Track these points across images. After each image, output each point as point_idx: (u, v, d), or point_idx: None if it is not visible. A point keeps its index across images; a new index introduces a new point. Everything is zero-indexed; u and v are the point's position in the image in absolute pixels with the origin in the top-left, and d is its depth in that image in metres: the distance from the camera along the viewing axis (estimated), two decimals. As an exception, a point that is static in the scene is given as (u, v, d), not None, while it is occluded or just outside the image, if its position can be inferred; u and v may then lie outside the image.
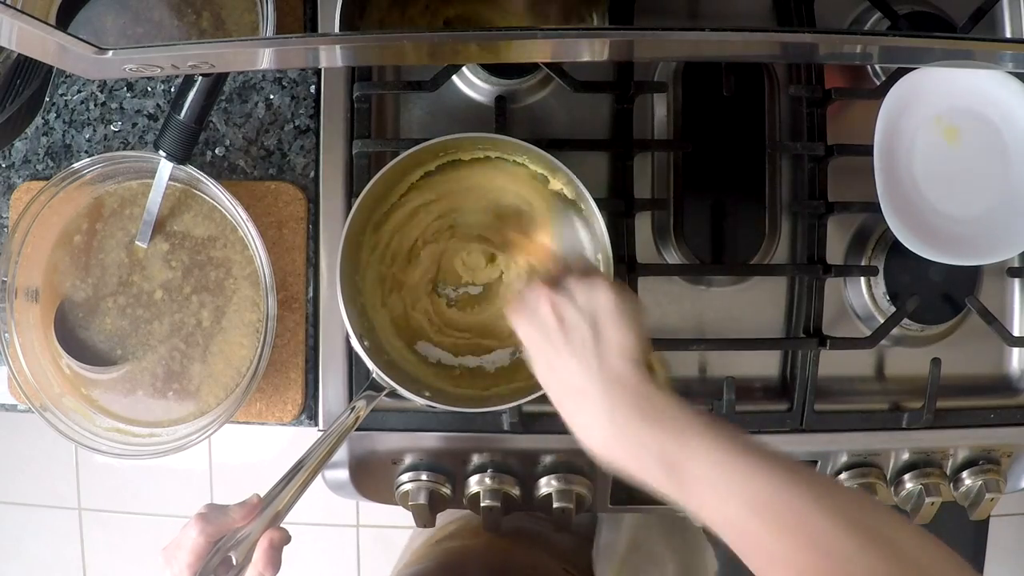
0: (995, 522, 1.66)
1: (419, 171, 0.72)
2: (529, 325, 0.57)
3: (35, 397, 0.73)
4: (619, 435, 0.51)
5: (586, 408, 0.53)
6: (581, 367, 0.53)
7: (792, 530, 0.46)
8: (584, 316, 0.54)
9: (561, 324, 0.55)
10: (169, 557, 0.59)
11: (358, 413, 0.67)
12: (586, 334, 0.54)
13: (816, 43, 0.57)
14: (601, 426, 0.52)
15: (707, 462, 0.48)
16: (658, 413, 0.50)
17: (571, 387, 0.54)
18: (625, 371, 0.52)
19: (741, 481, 0.47)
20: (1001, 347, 0.82)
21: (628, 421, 0.50)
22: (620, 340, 0.53)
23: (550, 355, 0.55)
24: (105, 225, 0.76)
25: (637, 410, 0.51)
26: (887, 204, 0.72)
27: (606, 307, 0.54)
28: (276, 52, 0.54)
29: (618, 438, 0.51)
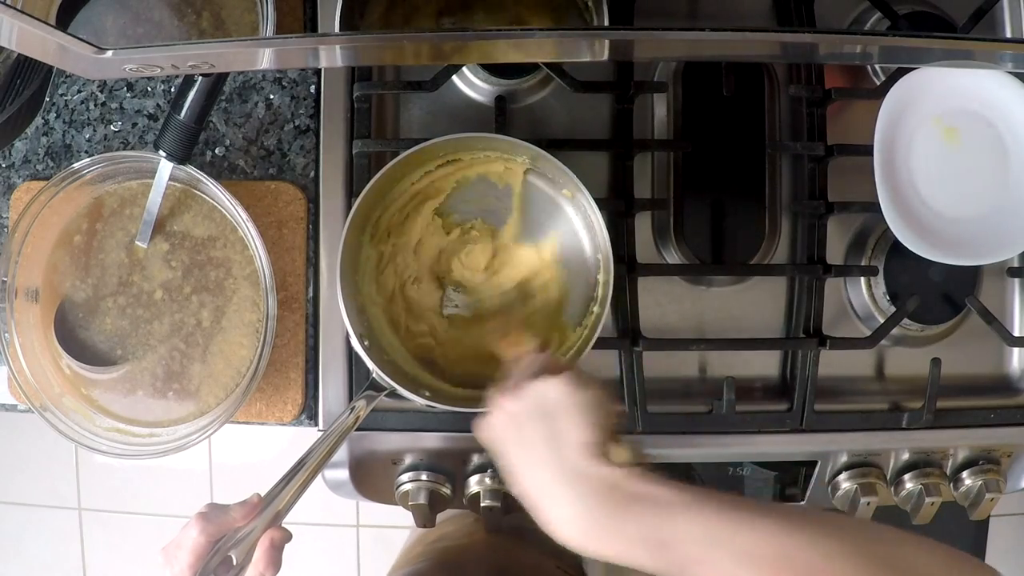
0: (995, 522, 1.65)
1: (419, 171, 0.72)
2: (489, 433, 0.58)
3: (35, 397, 0.73)
4: (595, 527, 0.50)
5: (557, 506, 0.52)
6: (543, 470, 0.53)
7: (789, 574, 0.45)
8: (538, 416, 0.54)
9: (517, 428, 0.55)
10: (169, 557, 0.59)
11: (358, 413, 0.67)
12: (540, 435, 0.54)
13: (816, 43, 0.57)
14: (575, 524, 0.51)
15: (696, 531, 0.47)
16: (633, 500, 0.50)
17: (539, 490, 0.53)
18: (585, 466, 0.52)
19: (738, 544, 0.46)
20: (1001, 347, 0.82)
21: (601, 514, 0.50)
22: (574, 436, 0.53)
23: (517, 464, 0.55)
24: (105, 225, 0.76)
25: (611, 503, 0.50)
26: (887, 204, 0.72)
27: (559, 402, 0.54)
28: (276, 52, 0.54)
29: (594, 530, 0.50)
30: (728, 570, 0.46)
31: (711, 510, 0.48)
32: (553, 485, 0.52)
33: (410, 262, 0.74)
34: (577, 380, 0.56)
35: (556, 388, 0.55)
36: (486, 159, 0.72)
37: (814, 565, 0.44)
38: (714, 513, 0.48)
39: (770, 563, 0.45)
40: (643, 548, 0.48)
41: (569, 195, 0.71)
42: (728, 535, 0.47)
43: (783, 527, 0.46)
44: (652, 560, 0.48)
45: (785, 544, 0.45)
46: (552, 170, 0.70)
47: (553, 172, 0.70)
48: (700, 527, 0.47)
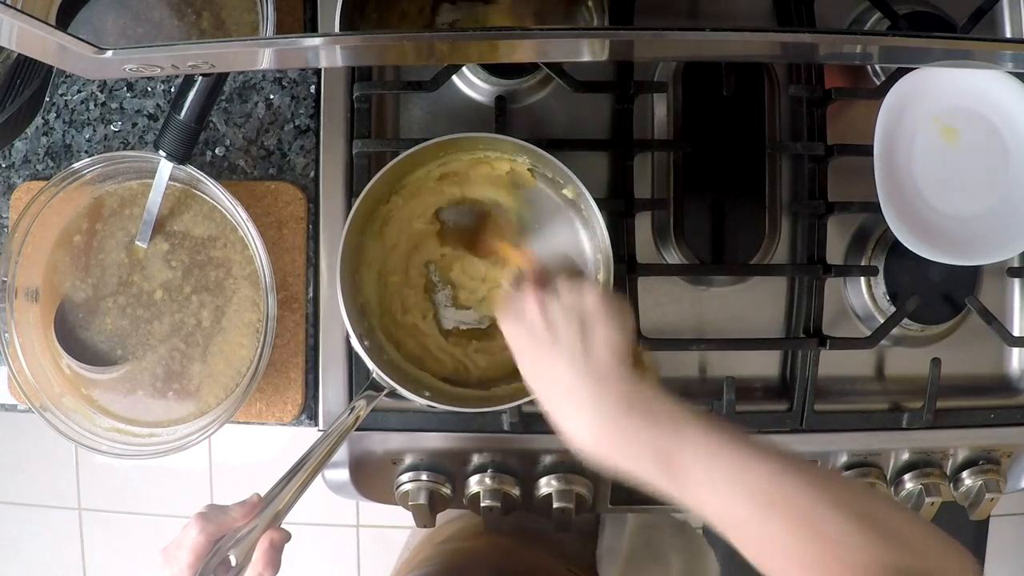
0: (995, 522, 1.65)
1: (419, 170, 0.72)
2: (516, 325, 0.57)
3: (35, 397, 0.73)
4: (610, 431, 0.51)
5: (575, 406, 0.53)
6: (569, 365, 0.53)
7: (789, 518, 0.46)
8: (571, 315, 0.54)
9: (548, 323, 0.55)
10: (169, 557, 0.59)
11: (358, 413, 0.67)
12: (573, 332, 0.54)
13: (816, 43, 0.57)
14: (591, 424, 0.52)
15: (702, 453, 0.49)
16: (650, 407, 0.50)
17: (559, 386, 0.54)
18: (614, 368, 0.52)
19: (736, 471, 0.48)
20: (1001, 347, 0.82)
21: (619, 417, 0.51)
22: (608, 338, 0.53)
23: (537, 355, 0.55)
24: (105, 225, 0.76)
25: (628, 406, 0.51)
26: (887, 204, 0.72)
27: (593, 306, 0.54)
28: (276, 52, 0.54)
29: (609, 434, 0.51)
30: (723, 495, 0.48)
31: (722, 438, 0.49)
32: (575, 385, 0.52)
33: (409, 263, 0.74)
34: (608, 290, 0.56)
35: (590, 293, 0.55)
36: (486, 159, 0.72)
37: (802, 509, 0.46)
38: (725, 441, 0.49)
39: (765, 496, 0.46)
40: (651, 459, 0.49)
41: (569, 195, 0.71)
42: (732, 466, 0.48)
43: (782, 470, 0.47)
44: (657, 472, 0.49)
45: (783, 486, 0.47)
46: (553, 170, 0.70)
47: (554, 172, 0.70)
48: (707, 449, 0.48)
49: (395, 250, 0.73)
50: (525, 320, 0.56)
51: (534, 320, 0.56)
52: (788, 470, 0.47)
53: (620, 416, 0.51)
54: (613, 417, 0.51)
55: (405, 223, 0.73)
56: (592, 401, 0.52)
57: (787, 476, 0.47)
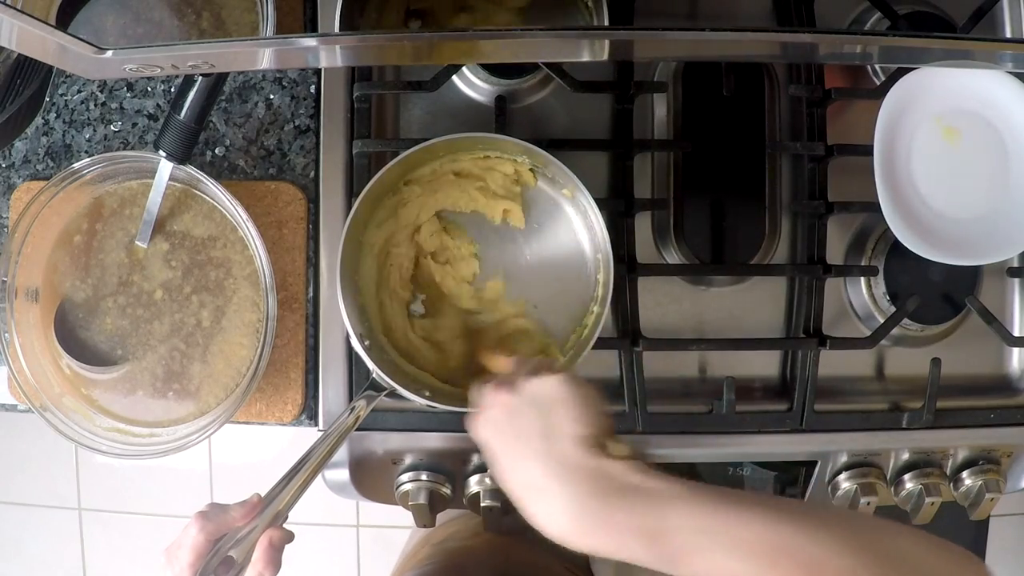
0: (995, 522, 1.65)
1: (420, 170, 0.72)
2: (483, 428, 0.57)
3: (35, 397, 0.73)
4: (586, 520, 0.50)
5: (547, 499, 0.51)
6: (537, 462, 0.52)
7: (786, 564, 0.44)
8: (534, 410, 0.54)
9: (511, 421, 0.55)
10: (170, 556, 0.59)
11: (358, 413, 0.67)
12: (535, 428, 0.53)
13: (816, 43, 0.57)
14: (567, 515, 0.50)
15: (689, 525, 0.47)
16: (626, 490, 0.49)
17: (529, 484, 0.53)
18: (581, 458, 0.51)
19: (733, 535, 0.46)
20: (1001, 347, 0.82)
21: (596, 507, 0.49)
22: (571, 429, 0.53)
23: (505, 454, 0.55)
24: (105, 225, 0.76)
25: (603, 493, 0.50)
26: (887, 204, 0.72)
27: (555, 397, 0.54)
28: (276, 52, 0.54)
29: (586, 524, 0.50)
30: (721, 561, 0.46)
31: (704, 501, 0.48)
32: (544, 478, 0.52)
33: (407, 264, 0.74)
34: (572, 378, 0.56)
35: (552, 383, 0.55)
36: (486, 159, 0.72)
37: (809, 555, 0.44)
38: (708, 504, 0.47)
39: (764, 554, 0.45)
40: (635, 539, 0.48)
41: (569, 195, 0.71)
42: (721, 526, 0.46)
43: (777, 518, 0.46)
44: (644, 551, 0.48)
45: (780, 534, 0.45)
46: (552, 170, 0.70)
47: (553, 172, 0.70)
48: (693, 518, 0.47)
49: (396, 249, 0.73)
50: (490, 422, 0.57)
51: (498, 420, 0.56)
52: (786, 513, 0.46)
53: (597, 506, 0.49)
54: (590, 508, 0.50)
55: (407, 222, 0.73)
56: (564, 492, 0.51)
57: (786, 527, 0.45)
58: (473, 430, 0.59)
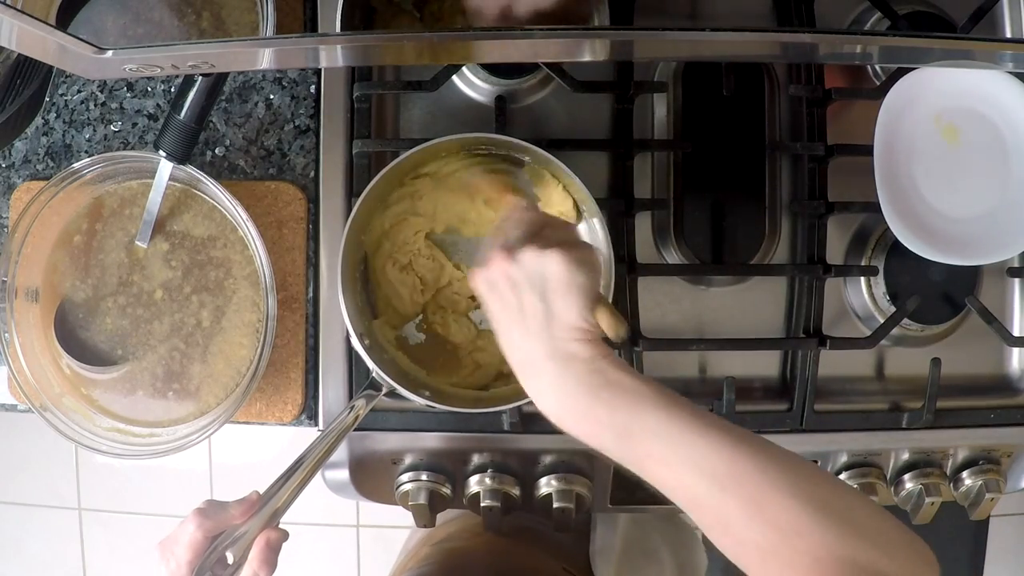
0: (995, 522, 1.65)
1: (421, 170, 0.72)
2: (488, 296, 0.57)
3: (35, 397, 0.73)
4: (572, 408, 0.52)
5: (541, 379, 0.54)
6: (535, 343, 0.54)
7: (743, 502, 0.46)
8: (534, 290, 0.54)
9: (514, 294, 0.55)
10: (166, 552, 0.59)
11: (357, 412, 0.67)
12: (536, 309, 0.54)
13: (816, 43, 0.57)
14: (555, 398, 0.53)
15: (660, 432, 0.49)
16: (610, 386, 0.51)
17: (527, 360, 0.55)
18: (574, 347, 0.53)
19: (695, 452, 0.48)
20: (1001, 347, 0.82)
21: (580, 395, 0.52)
22: (567, 317, 0.53)
23: (509, 328, 0.56)
24: (105, 225, 0.76)
25: (588, 385, 0.52)
26: (887, 204, 0.72)
27: (554, 278, 0.54)
28: (276, 52, 0.54)
29: (571, 410, 0.52)
30: (678, 472, 0.48)
31: (679, 414, 0.49)
32: (542, 360, 0.53)
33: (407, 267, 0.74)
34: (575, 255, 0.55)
35: (556, 264, 0.54)
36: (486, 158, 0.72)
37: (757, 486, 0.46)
38: (682, 418, 0.49)
39: (717, 477, 0.47)
40: (611, 433, 0.51)
41: (570, 194, 0.71)
42: (687, 440, 0.49)
43: (737, 446, 0.48)
44: (616, 446, 0.51)
45: (736, 462, 0.47)
46: (553, 170, 0.70)
47: (555, 172, 0.70)
48: (665, 427, 0.49)
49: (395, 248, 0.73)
50: (496, 293, 0.56)
51: (504, 295, 0.56)
52: (749, 452, 0.48)
53: (584, 397, 0.52)
54: (575, 397, 0.52)
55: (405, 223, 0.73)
56: (556, 379, 0.53)
57: (743, 458, 0.47)
58: (476, 286, 0.58)
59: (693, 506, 0.49)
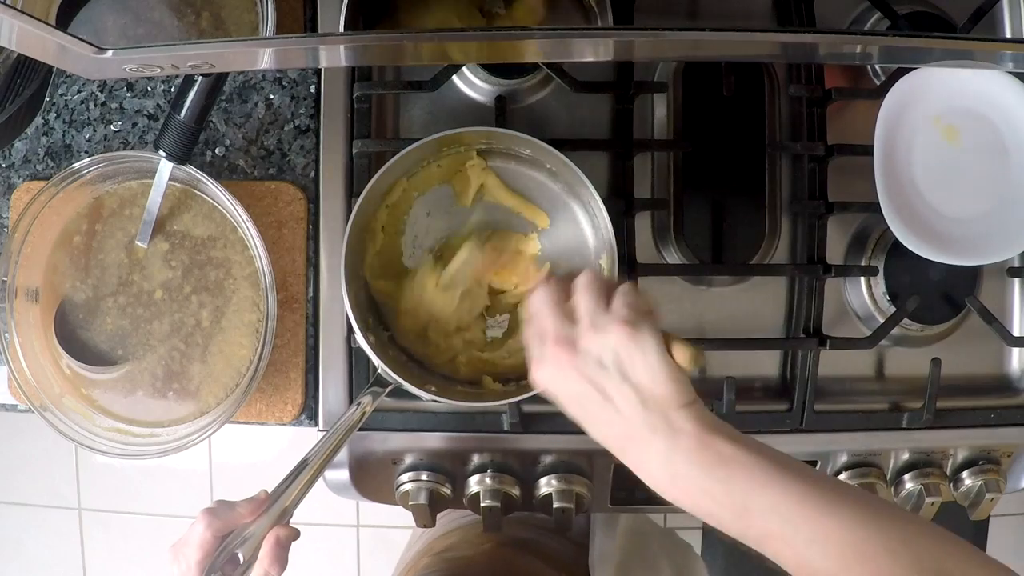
0: (995, 522, 1.65)
1: (423, 165, 0.72)
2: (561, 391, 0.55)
3: (35, 397, 0.73)
4: (686, 486, 0.50)
5: (648, 456, 0.51)
6: (633, 422, 0.51)
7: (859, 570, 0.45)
8: (613, 373, 0.52)
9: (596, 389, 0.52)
10: (176, 553, 0.59)
11: (364, 408, 0.67)
12: (623, 392, 0.51)
13: (816, 43, 0.57)
14: (667, 476, 0.51)
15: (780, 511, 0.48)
16: (724, 464, 0.49)
17: (627, 436, 0.52)
18: (678, 421, 0.51)
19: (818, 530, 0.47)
20: (1001, 347, 0.82)
21: (693, 473, 0.50)
22: (660, 389, 0.51)
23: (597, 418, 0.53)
24: (105, 225, 0.76)
25: (697, 460, 0.50)
26: (887, 204, 0.72)
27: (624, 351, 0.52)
28: (276, 52, 0.54)
29: (684, 487, 0.50)
30: (799, 551, 0.47)
31: (799, 488, 0.48)
32: (647, 436, 0.51)
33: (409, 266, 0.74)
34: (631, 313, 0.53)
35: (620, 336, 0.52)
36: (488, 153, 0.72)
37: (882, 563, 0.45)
38: (797, 489, 0.48)
39: (840, 555, 0.46)
40: (727, 510, 0.49)
41: (572, 190, 0.72)
42: (806, 517, 0.47)
43: (859, 519, 0.46)
44: (733, 523, 0.49)
45: (857, 537, 0.46)
46: (556, 164, 0.70)
47: (558, 167, 0.70)
48: (781, 502, 0.48)
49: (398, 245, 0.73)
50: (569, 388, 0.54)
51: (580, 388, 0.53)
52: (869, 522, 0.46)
53: (696, 474, 0.50)
54: (688, 473, 0.50)
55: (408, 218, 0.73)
56: (665, 455, 0.50)
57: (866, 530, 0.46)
58: (541, 381, 0.56)
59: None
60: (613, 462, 0.51)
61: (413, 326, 0.72)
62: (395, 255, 0.73)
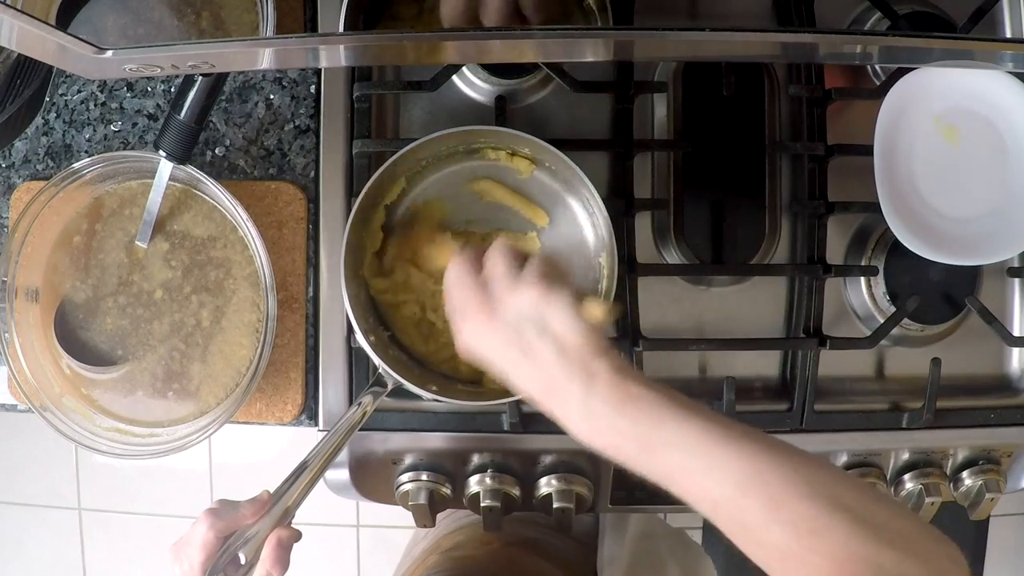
0: (995, 522, 1.65)
1: (423, 165, 0.72)
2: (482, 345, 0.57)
3: (35, 397, 0.73)
4: (598, 422, 0.52)
5: (568, 404, 0.54)
6: (553, 371, 0.54)
7: (764, 504, 0.46)
8: (529, 328, 0.54)
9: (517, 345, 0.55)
10: (178, 553, 0.59)
11: (365, 408, 0.67)
12: (541, 344, 0.54)
13: (816, 43, 0.57)
14: (585, 419, 0.53)
15: (680, 444, 0.50)
16: (632, 400, 0.51)
17: (550, 388, 0.55)
18: (593, 364, 0.53)
19: (713, 459, 0.49)
20: (1001, 347, 0.82)
21: (606, 412, 0.52)
22: (573, 337, 0.54)
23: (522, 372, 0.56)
24: (105, 225, 0.76)
25: (612, 402, 0.52)
26: (887, 204, 0.72)
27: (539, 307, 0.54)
28: (276, 52, 0.54)
29: (597, 424, 0.53)
30: (700, 481, 0.49)
31: (698, 423, 0.50)
32: (564, 384, 0.53)
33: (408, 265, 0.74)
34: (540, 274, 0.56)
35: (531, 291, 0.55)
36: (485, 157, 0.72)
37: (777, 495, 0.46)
38: (701, 426, 0.50)
39: (738, 482, 0.47)
40: (634, 445, 0.51)
41: (571, 188, 0.72)
42: (707, 449, 0.49)
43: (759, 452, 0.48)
44: (640, 457, 0.51)
45: (756, 466, 0.47)
46: (556, 163, 0.70)
47: (557, 165, 0.70)
48: (683, 437, 0.50)
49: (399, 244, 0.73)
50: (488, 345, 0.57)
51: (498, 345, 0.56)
52: (764, 455, 0.48)
53: (608, 412, 0.52)
54: (602, 413, 0.52)
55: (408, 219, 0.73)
56: (582, 400, 0.53)
57: (762, 461, 0.47)
58: (466, 346, 0.58)
59: (714, 512, 0.49)
60: (614, 464, 0.52)
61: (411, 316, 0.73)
62: None
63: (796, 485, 0.46)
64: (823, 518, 0.45)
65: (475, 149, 0.73)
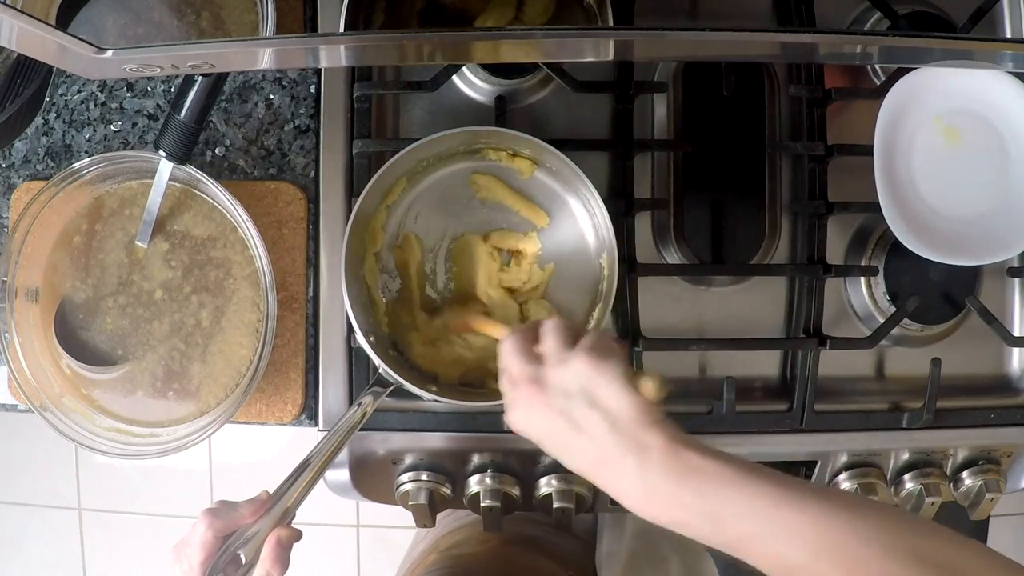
0: (995, 522, 1.65)
1: (423, 165, 0.72)
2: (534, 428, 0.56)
3: (35, 397, 0.73)
4: (661, 500, 0.51)
5: (623, 478, 0.52)
6: (605, 446, 0.53)
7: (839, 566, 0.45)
8: (580, 402, 0.54)
9: (566, 419, 0.54)
10: (178, 553, 0.59)
11: (365, 409, 0.67)
12: (593, 418, 0.53)
13: (816, 43, 0.57)
14: (642, 493, 0.52)
15: (748, 514, 0.49)
16: (694, 473, 0.50)
17: (601, 462, 0.54)
18: (647, 437, 0.52)
19: (785, 525, 0.47)
20: (1001, 347, 0.82)
21: (666, 486, 0.51)
22: (626, 410, 0.53)
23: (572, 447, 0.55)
24: (105, 225, 0.76)
25: (674, 474, 0.51)
26: (887, 204, 0.72)
27: (590, 380, 0.54)
28: (276, 52, 0.54)
29: (661, 503, 0.51)
30: (774, 549, 0.48)
31: (763, 487, 0.49)
32: (618, 459, 0.52)
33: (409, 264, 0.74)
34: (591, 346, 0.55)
35: (583, 364, 0.54)
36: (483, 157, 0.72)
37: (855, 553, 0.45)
38: (766, 491, 0.49)
39: (814, 547, 0.46)
40: (701, 519, 0.50)
41: (572, 189, 0.72)
42: (777, 515, 0.48)
43: (830, 511, 0.47)
44: (708, 530, 0.50)
45: (830, 528, 0.46)
46: (556, 163, 0.70)
47: (557, 166, 0.70)
48: (752, 505, 0.49)
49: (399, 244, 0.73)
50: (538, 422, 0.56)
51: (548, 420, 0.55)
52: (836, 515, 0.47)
53: (669, 487, 0.51)
54: (662, 487, 0.51)
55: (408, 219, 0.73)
56: (638, 473, 0.52)
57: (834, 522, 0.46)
58: (515, 426, 0.58)
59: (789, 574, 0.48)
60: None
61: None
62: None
63: (870, 544, 0.45)
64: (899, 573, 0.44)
65: (476, 150, 0.73)
